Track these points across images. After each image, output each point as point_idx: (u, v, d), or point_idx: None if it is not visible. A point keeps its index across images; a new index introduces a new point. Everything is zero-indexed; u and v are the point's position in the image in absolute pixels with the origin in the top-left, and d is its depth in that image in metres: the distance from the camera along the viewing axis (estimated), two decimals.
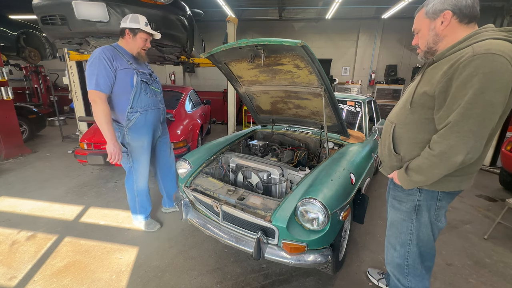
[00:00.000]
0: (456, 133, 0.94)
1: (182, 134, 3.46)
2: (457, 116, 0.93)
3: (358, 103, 2.90)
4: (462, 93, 0.91)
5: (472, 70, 0.89)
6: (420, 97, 1.07)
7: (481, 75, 0.87)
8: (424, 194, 1.18)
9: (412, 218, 1.23)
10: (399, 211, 1.29)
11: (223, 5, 6.27)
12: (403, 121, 1.17)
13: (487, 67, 0.87)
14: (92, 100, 1.88)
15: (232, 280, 1.83)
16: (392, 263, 1.38)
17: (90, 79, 1.85)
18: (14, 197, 2.98)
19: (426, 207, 1.19)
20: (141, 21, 1.99)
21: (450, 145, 0.96)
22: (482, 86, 0.87)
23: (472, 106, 0.90)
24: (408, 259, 1.29)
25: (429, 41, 1.09)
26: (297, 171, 1.89)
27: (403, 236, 1.28)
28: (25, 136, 5.16)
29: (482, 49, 0.89)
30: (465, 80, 0.90)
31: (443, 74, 0.98)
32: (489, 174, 4.03)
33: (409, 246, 1.27)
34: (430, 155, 1.02)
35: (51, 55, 6.19)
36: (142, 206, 2.35)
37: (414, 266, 1.29)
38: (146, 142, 2.17)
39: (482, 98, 0.88)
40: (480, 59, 0.88)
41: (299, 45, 1.50)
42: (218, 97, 7.83)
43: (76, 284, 1.77)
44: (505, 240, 2.34)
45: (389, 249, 1.38)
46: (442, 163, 1.00)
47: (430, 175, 1.05)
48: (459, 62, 0.92)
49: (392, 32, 7.81)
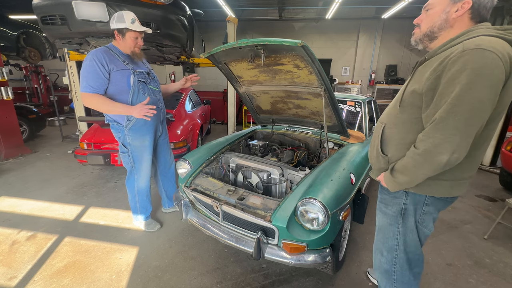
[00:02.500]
0: (441, 130, 0.90)
1: (182, 134, 3.46)
2: (443, 112, 0.89)
3: (358, 103, 2.90)
4: (450, 89, 0.88)
5: (460, 65, 0.85)
6: (410, 96, 1.04)
7: (470, 70, 0.83)
8: (411, 197, 1.13)
9: (399, 222, 1.19)
10: (386, 215, 1.25)
11: (223, 5, 6.27)
12: (393, 121, 1.13)
13: (476, 62, 0.83)
14: (86, 102, 1.91)
15: (232, 280, 1.83)
16: (379, 269, 1.34)
17: (82, 81, 1.89)
18: (14, 197, 2.98)
19: (412, 211, 1.15)
20: (127, 19, 1.88)
21: (435, 143, 0.91)
22: (470, 82, 0.83)
23: (459, 103, 0.86)
24: (396, 265, 1.25)
25: (436, 24, 1.02)
26: (297, 171, 1.89)
27: (390, 241, 1.24)
28: (25, 136, 5.16)
29: (472, 45, 0.86)
30: (453, 76, 0.87)
31: (432, 71, 0.94)
32: (489, 174, 4.03)
33: (396, 252, 1.23)
34: (415, 154, 0.98)
35: (51, 55, 6.20)
36: (142, 206, 2.35)
37: (402, 273, 1.25)
38: (147, 142, 2.16)
39: (469, 95, 0.84)
40: (469, 54, 0.84)
41: (299, 45, 1.50)
42: (218, 97, 7.83)
43: (76, 284, 1.77)
44: (505, 240, 2.34)
45: (377, 255, 1.35)
46: (426, 162, 0.95)
47: (414, 176, 1.01)
48: (449, 58, 0.89)
49: (392, 32, 7.81)
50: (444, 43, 0.98)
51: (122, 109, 1.96)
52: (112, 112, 2.00)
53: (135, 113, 1.93)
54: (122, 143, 2.14)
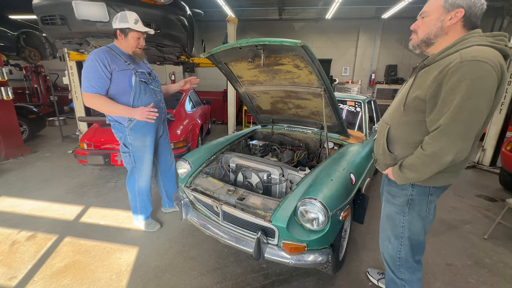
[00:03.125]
0: (446, 135, 1.01)
1: (182, 134, 3.46)
2: (447, 119, 1.00)
3: (358, 103, 2.90)
4: (451, 98, 0.98)
5: (460, 76, 0.95)
6: (413, 101, 1.13)
7: (468, 81, 0.93)
8: (417, 189, 1.24)
9: (405, 211, 1.30)
10: (393, 205, 1.35)
11: (223, 5, 6.28)
12: (397, 123, 1.23)
13: (473, 73, 0.93)
14: (88, 102, 1.91)
15: (232, 280, 1.83)
16: (386, 254, 1.44)
17: (84, 82, 1.88)
18: (14, 197, 2.98)
19: (418, 201, 1.26)
20: (130, 19, 1.90)
21: (441, 146, 1.03)
22: (469, 91, 0.94)
23: (460, 110, 0.96)
24: (401, 252, 1.35)
25: (431, 31, 1.10)
26: (297, 171, 1.89)
27: (396, 229, 1.34)
28: (25, 136, 5.17)
29: (469, 56, 0.95)
30: (453, 86, 0.97)
31: (433, 79, 1.04)
32: (489, 174, 4.03)
33: (402, 239, 1.33)
34: (422, 155, 1.09)
35: (51, 55, 6.19)
36: (143, 206, 2.35)
37: (406, 259, 1.36)
38: (148, 142, 2.16)
39: (469, 103, 0.95)
40: (467, 66, 0.94)
41: (299, 45, 1.50)
42: (218, 97, 7.83)
43: (76, 284, 1.77)
44: (505, 240, 2.34)
45: (384, 241, 1.44)
46: (433, 162, 1.07)
47: (422, 172, 1.13)
48: (448, 68, 0.98)
49: (392, 32, 7.82)
50: (441, 51, 1.07)
51: (124, 111, 1.96)
52: (113, 113, 2.00)
53: (136, 115, 1.93)
54: (123, 143, 2.14)
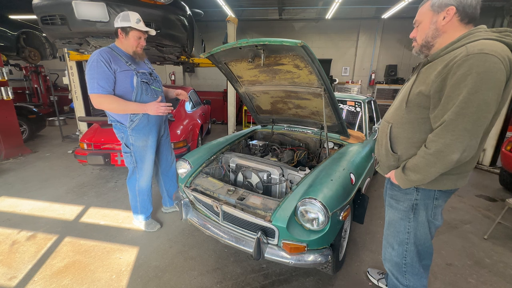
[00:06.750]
0: (451, 131, 0.95)
1: (182, 134, 3.46)
2: (452, 115, 0.94)
3: (358, 103, 2.90)
4: (457, 92, 0.93)
5: (466, 69, 0.90)
6: (416, 97, 1.09)
7: (475, 74, 0.89)
8: (422, 193, 1.19)
9: (410, 217, 1.24)
10: (397, 210, 1.30)
11: (223, 5, 6.27)
12: (400, 121, 1.18)
13: (480, 66, 0.88)
14: (97, 103, 1.88)
15: (232, 280, 1.83)
16: (390, 262, 1.39)
17: (91, 83, 1.85)
18: (14, 197, 2.98)
19: (423, 206, 1.20)
20: (132, 18, 1.90)
21: (446, 143, 0.97)
22: (476, 85, 0.89)
23: (466, 105, 0.91)
24: (406, 257, 1.30)
25: (428, 34, 1.10)
26: (297, 171, 1.89)
27: (401, 235, 1.29)
28: (25, 136, 5.16)
29: (475, 49, 0.90)
30: (459, 80, 0.92)
31: (437, 74, 0.99)
32: (489, 174, 4.03)
33: (407, 245, 1.28)
34: (427, 154, 1.03)
35: (51, 55, 6.19)
36: (143, 206, 2.35)
37: (412, 265, 1.30)
38: (150, 142, 2.16)
39: (476, 97, 0.90)
40: (473, 58, 0.89)
41: (299, 45, 1.50)
42: (218, 97, 7.83)
43: (76, 284, 1.77)
44: (505, 240, 2.34)
45: (387, 248, 1.40)
46: (438, 161, 1.01)
47: (427, 173, 1.06)
48: (453, 62, 0.94)
49: (392, 32, 7.81)
50: (446, 46, 1.03)
51: (137, 107, 1.96)
52: (126, 111, 1.97)
53: (150, 110, 1.93)
54: (125, 143, 2.13)
